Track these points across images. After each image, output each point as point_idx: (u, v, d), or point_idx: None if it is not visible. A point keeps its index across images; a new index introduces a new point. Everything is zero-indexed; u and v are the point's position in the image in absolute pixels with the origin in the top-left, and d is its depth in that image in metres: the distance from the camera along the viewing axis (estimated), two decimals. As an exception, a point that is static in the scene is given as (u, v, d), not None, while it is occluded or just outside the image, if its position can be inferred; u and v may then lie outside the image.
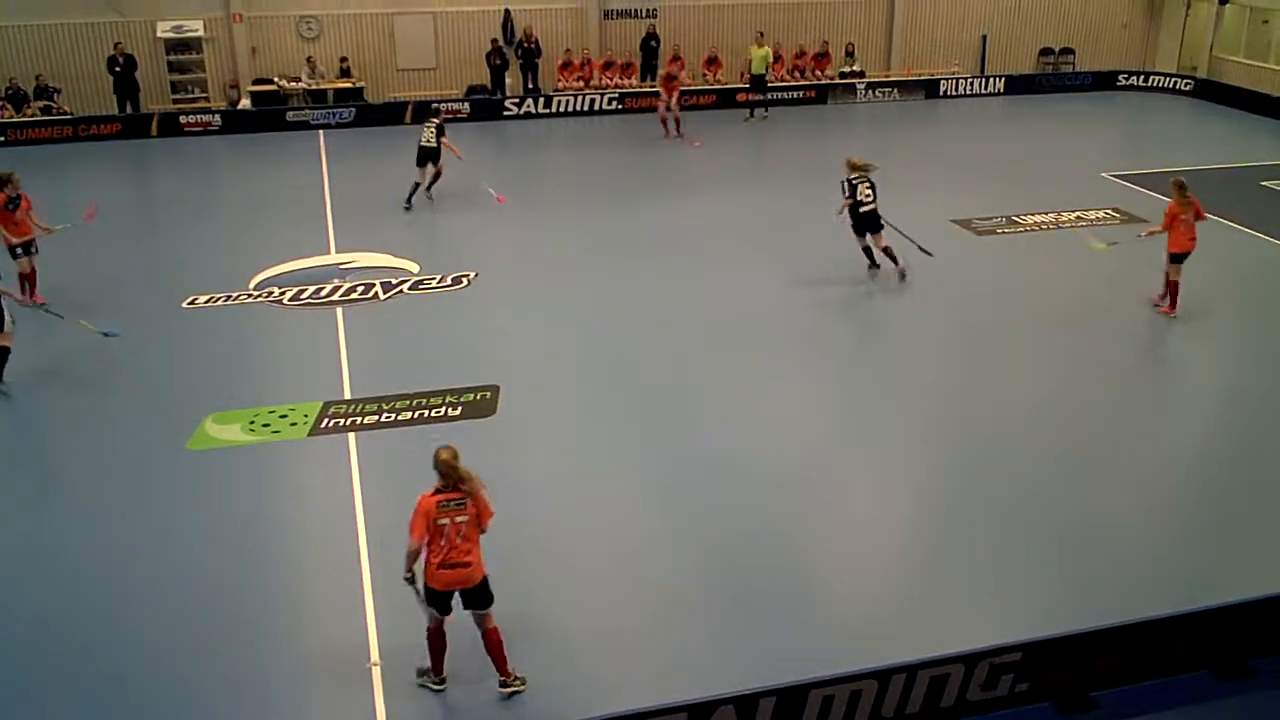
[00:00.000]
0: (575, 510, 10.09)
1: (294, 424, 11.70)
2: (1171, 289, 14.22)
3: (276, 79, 26.29)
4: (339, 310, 14.82)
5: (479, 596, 7.57)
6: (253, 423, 11.72)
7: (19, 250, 14.71)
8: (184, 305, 15.01)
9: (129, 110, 25.26)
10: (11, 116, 24.42)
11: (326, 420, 11.76)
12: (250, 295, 15.35)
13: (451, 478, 7.38)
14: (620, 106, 27.16)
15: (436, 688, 7.77)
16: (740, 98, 27.09)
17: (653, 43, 27.95)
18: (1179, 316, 14.20)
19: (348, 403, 12.15)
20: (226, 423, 11.72)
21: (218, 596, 8.88)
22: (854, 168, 15.47)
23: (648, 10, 28.26)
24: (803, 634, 8.34)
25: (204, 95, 26.29)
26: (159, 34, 25.57)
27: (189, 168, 23.10)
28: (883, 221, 15.43)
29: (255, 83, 26.26)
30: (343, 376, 12.82)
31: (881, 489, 10.78)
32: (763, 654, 8.06)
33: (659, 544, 9.62)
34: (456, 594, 7.56)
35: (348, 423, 11.70)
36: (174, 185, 22.32)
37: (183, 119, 25.17)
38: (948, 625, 8.38)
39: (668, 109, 24.25)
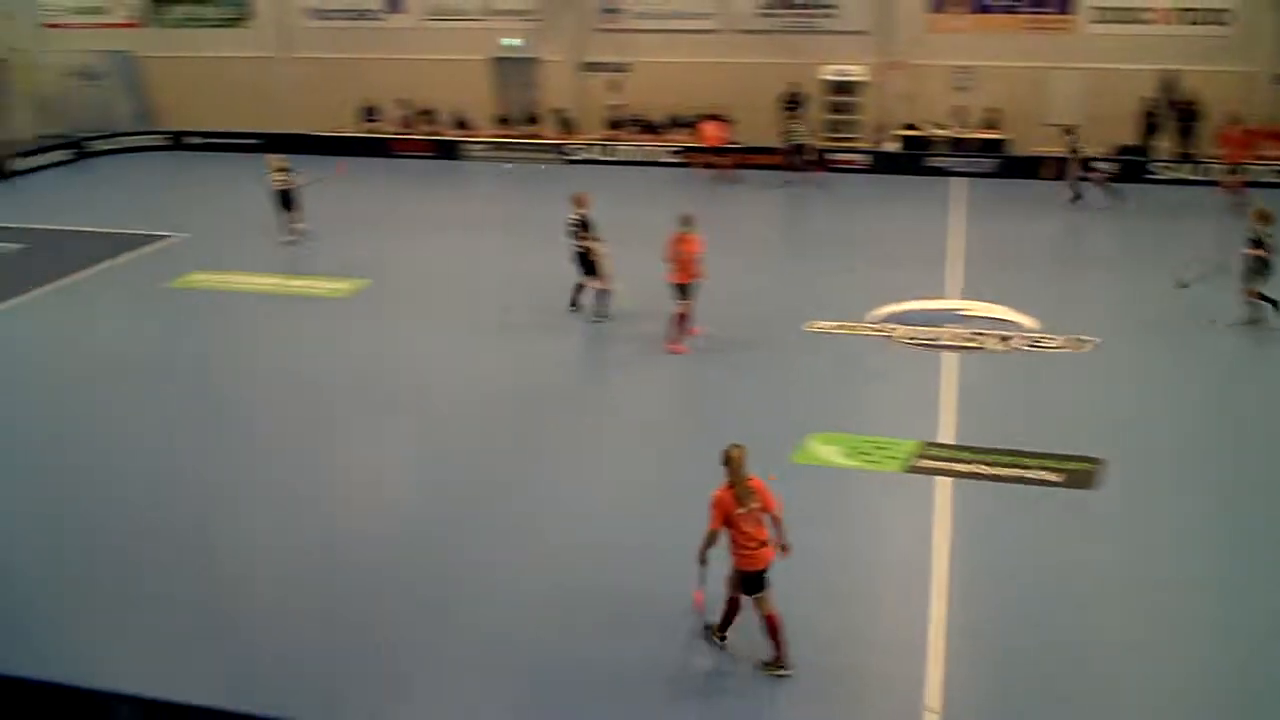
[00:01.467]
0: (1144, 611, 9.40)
1: (891, 457, 12.09)
2: None
3: (924, 125, 27.09)
4: (950, 355, 15.01)
5: (763, 579, 8.39)
6: (853, 448, 12.30)
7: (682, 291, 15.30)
8: (806, 328, 16.05)
9: (796, 144, 27.39)
10: (691, 141, 27.64)
11: (921, 460, 12.01)
12: (869, 328, 16.04)
13: (739, 474, 8.29)
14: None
15: (719, 644, 8.84)
16: None
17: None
18: None
19: (945, 447, 12.31)
20: (829, 443, 12.42)
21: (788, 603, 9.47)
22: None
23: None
24: None
25: (857, 136, 27.82)
26: (823, 76, 27.48)
27: (833, 202, 24.56)
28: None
29: (904, 127, 27.27)
30: (944, 420, 13.00)
31: None
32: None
33: None
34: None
35: (942, 466, 11.87)
36: (817, 217, 23.87)
37: (834, 157, 26.84)
38: None
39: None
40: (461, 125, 29.47)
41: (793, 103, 27.00)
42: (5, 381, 15.08)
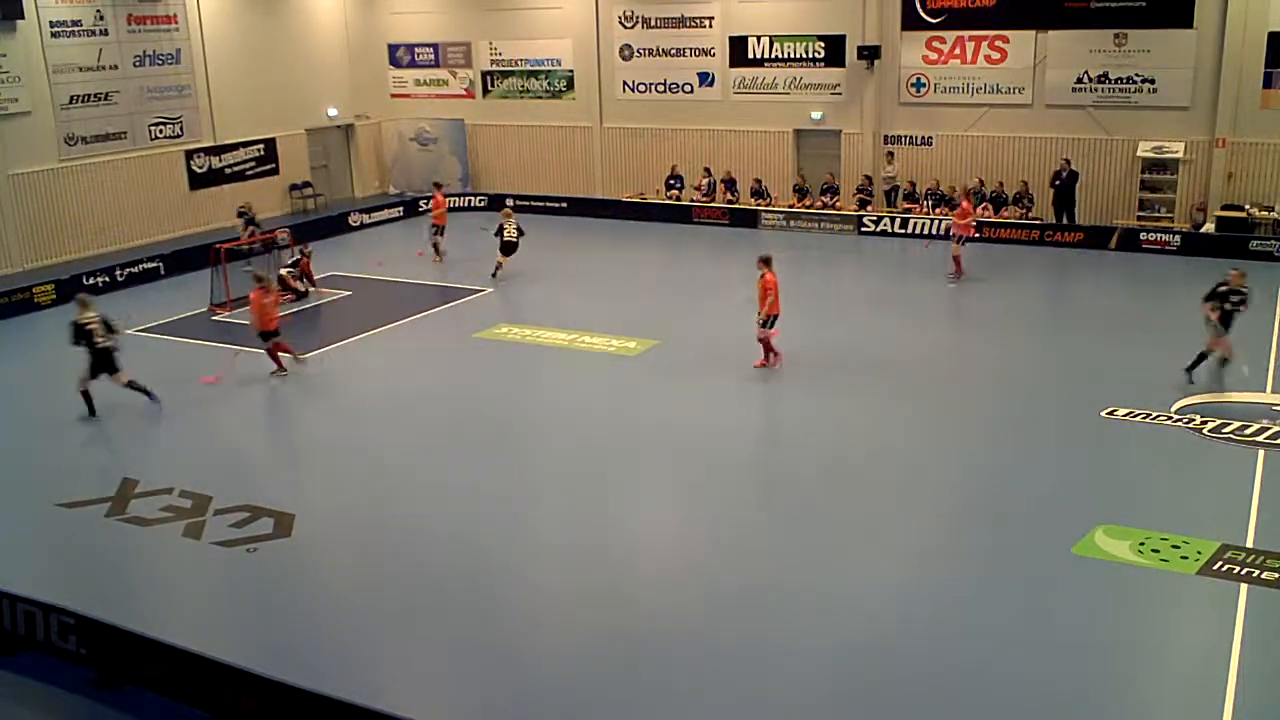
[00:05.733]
0: None
1: (1185, 557, 11.34)
2: None
3: (1248, 206, 25.29)
4: (1260, 452, 13.93)
5: None
6: (1143, 544, 11.62)
7: None
8: (1102, 414, 15.32)
9: (1064, 221, 26.55)
10: (991, 216, 27.07)
11: (1220, 563, 11.20)
12: (1170, 418, 15.13)
13: None
14: None
15: None
16: None
17: None
18: None
19: (1248, 551, 11.42)
20: (1117, 537, 11.79)
21: (1044, 704, 9.07)
22: None
23: None
24: None
25: (1169, 215, 26.36)
26: (1139, 153, 26.27)
27: (1137, 283, 23.37)
28: None
29: (1223, 208, 25.57)
30: (1249, 522, 12.07)
31: None
32: None
33: None
34: None
35: (1243, 572, 11.02)
36: (1117, 297, 22.73)
37: (1143, 236, 25.54)
38: None
39: None
40: (758, 195, 30.10)
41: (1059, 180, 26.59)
42: (327, 411, 16.70)
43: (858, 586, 11.15)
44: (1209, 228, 25.52)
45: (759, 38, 30.15)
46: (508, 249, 24.24)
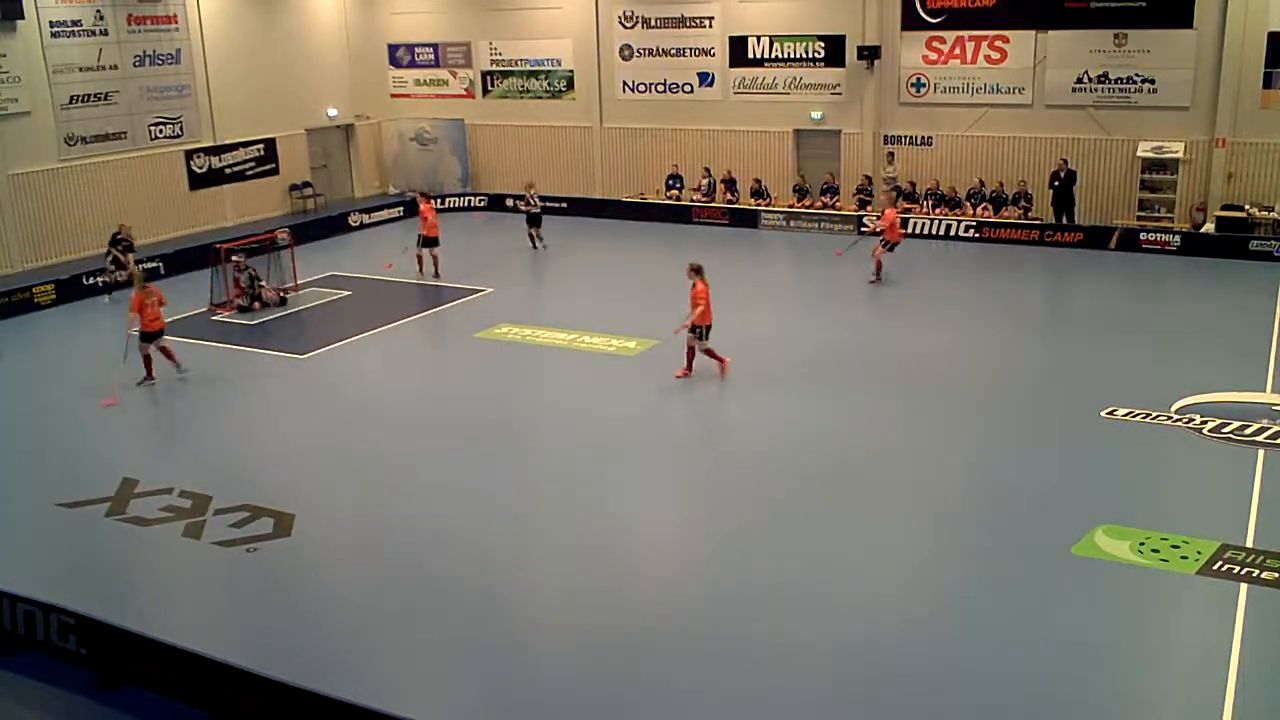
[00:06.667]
0: None
1: (1184, 557, 11.35)
2: None
3: (1247, 206, 25.29)
4: (1260, 452, 13.92)
5: None
6: (1143, 544, 11.62)
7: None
8: (1102, 414, 15.32)
9: (1064, 221, 26.58)
10: (991, 216, 27.09)
11: (1220, 563, 11.20)
12: (1169, 418, 15.13)
13: None
14: None
15: None
16: None
17: None
18: None
19: (1248, 551, 11.43)
20: (1117, 537, 11.79)
21: (1044, 704, 9.07)
22: None
23: None
24: None
25: (1169, 215, 26.36)
26: (1139, 153, 26.26)
27: (1137, 283, 23.35)
28: None
29: (1223, 208, 25.56)
30: (1249, 521, 12.07)
31: None
32: None
33: None
34: None
35: (1243, 572, 11.02)
36: (1117, 297, 22.73)
37: (1143, 236, 25.54)
38: None
39: None
40: (758, 195, 30.09)
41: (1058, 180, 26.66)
42: (327, 411, 16.69)
43: (858, 586, 11.15)
44: (1209, 228, 25.53)
45: (759, 38, 30.13)
46: (533, 220, 26.57)
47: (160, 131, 28.83)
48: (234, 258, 22.48)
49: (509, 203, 31.99)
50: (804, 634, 10.26)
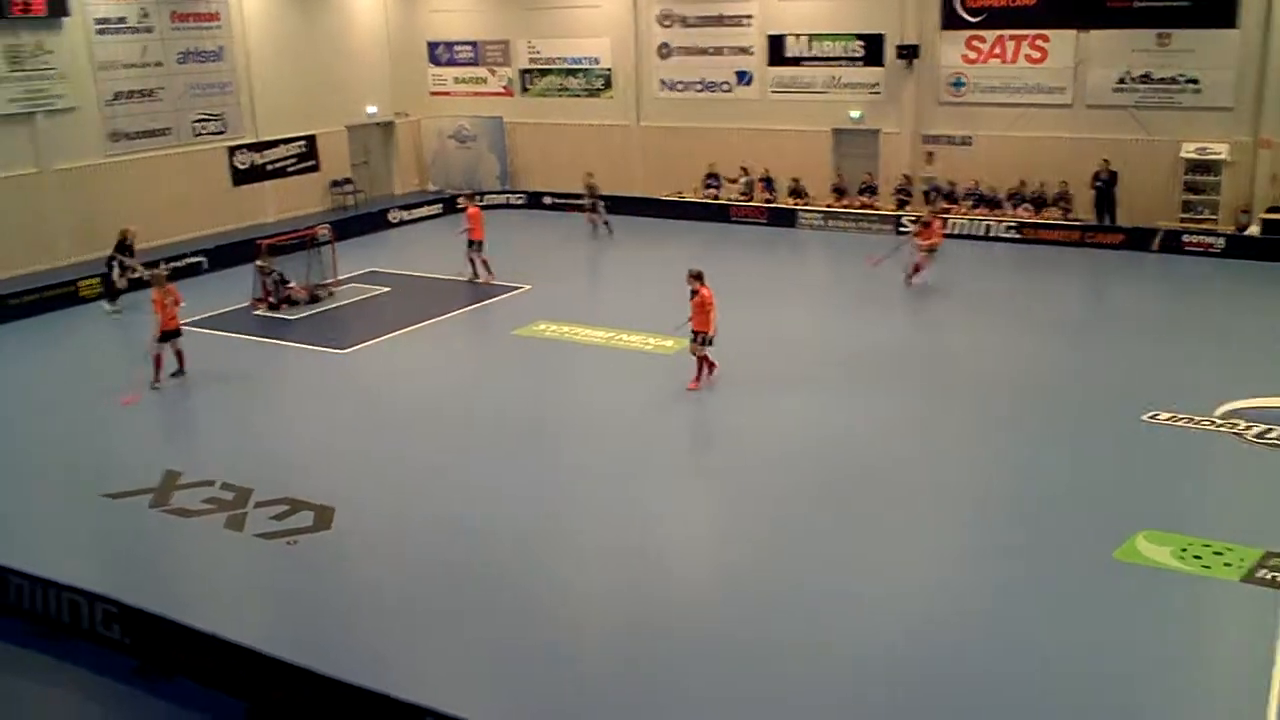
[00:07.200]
0: None
1: (1228, 564, 11.22)
2: None
3: (1295, 208, 24.96)
4: (1310, 459, 13.76)
5: None
6: (1185, 550, 11.51)
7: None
8: (1144, 419, 15.16)
9: (1105, 222, 26.34)
10: (1031, 217, 26.89)
11: (1264, 570, 11.06)
12: (1213, 423, 14.95)
13: None
14: None
15: None
16: None
17: None
18: None
19: (1294, 558, 11.29)
20: (1158, 543, 11.68)
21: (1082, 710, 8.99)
22: None
23: None
24: None
25: (1213, 217, 26.04)
26: (1181, 154, 25.96)
27: (1180, 285, 23.11)
28: None
29: (1269, 210, 25.21)
30: (1296, 530, 11.93)
31: None
32: None
33: None
34: None
35: (1288, 579, 10.89)
36: (1159, 299, 22.51)
37: (1185, 238, 25.25)
38: None
39: None
40: (796, 194, 30.00)
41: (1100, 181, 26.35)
42: (366, 406, 16.82)
43: (895, 587, 11.12)
44: (1254, 230, 25.19)
45: (797, 36, 30.04)
46: (594, 208, 28.46)
47: (204, 128, 29.14)
48: (258, 261, 22.66)
49: (545, 199, 32.21)
50: (852, 634, 10.25)
